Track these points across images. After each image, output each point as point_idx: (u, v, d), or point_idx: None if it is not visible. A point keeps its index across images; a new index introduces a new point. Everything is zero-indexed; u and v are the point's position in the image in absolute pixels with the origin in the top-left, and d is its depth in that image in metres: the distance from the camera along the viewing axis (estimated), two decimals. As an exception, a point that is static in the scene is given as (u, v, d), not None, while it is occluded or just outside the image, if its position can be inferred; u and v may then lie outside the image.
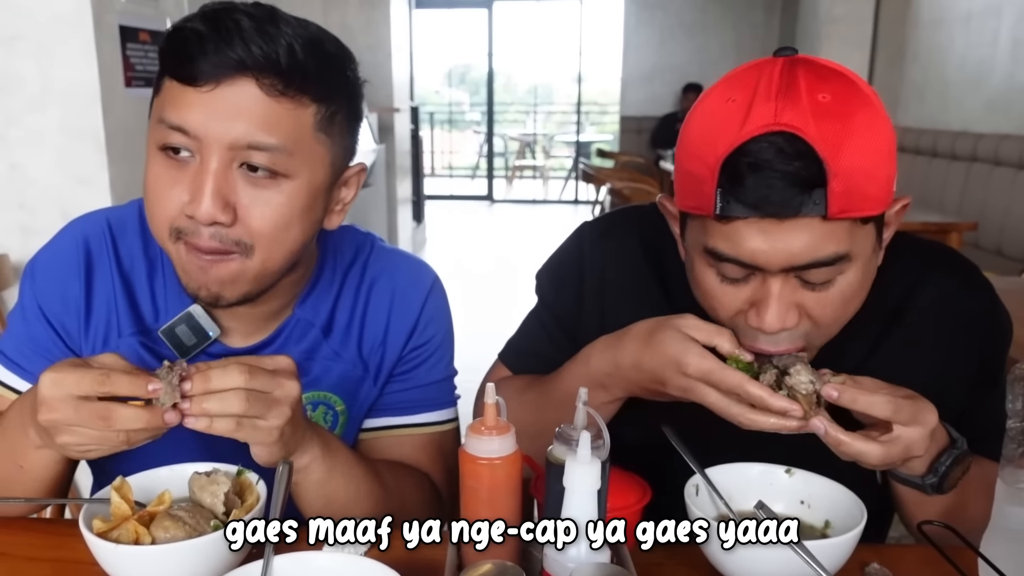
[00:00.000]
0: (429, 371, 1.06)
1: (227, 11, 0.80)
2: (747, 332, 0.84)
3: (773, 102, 0.75)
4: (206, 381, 0.74)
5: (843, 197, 0.75)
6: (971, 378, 0.98)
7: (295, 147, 0.82)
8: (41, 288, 0.98)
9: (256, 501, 0.79)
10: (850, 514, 0.80)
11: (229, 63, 0.78)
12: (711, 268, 0.84)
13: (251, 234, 0.83)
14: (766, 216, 0.76)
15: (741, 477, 0.87)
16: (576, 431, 0.72)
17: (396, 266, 1.06)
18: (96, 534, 0.74)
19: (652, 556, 0.85)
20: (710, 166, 0.78)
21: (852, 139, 0.75)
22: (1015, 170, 4.37)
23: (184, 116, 0.79)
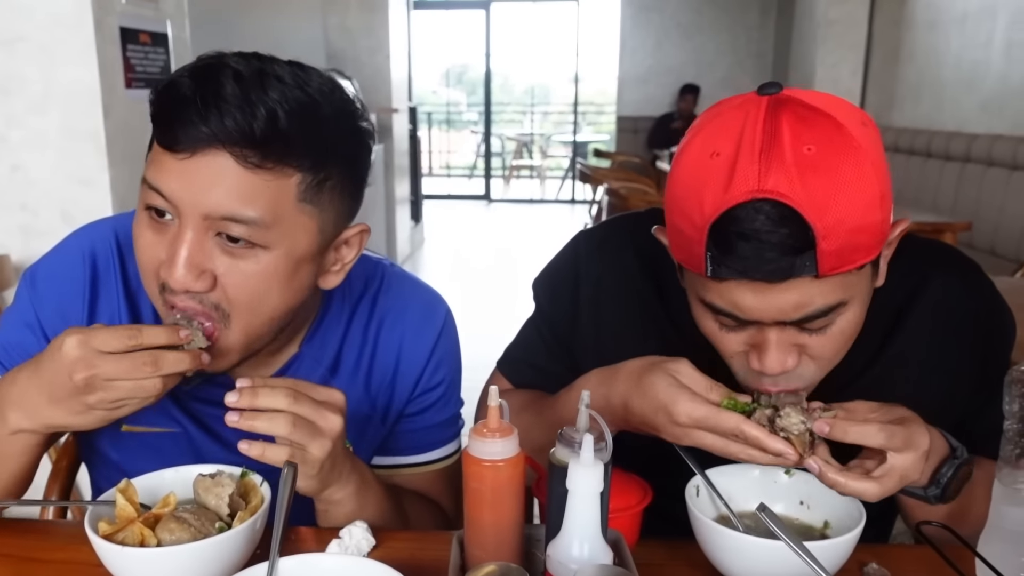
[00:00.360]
0: (438, 412, 1.05)
1: (215, 70, 0.77)
2: (750, 373, 0.84)
3: (757, 164, 0.73)
4: (253, 396, 0.76)
5: (834, 255, 0.74)
6: (976, 378, 0.97)
7: (274, 219, 0.79)
8: (42, 300, 0.95)
9: (261, 503, 0.79)
10: (849, 515, 0.81)
11: (202, 136, 0.75)
12: (708, 315, 0.84)
13: (229, 301, 0.81)
14: (758, 280, 0.76)
15: (741, 478, 0.87)
16: (579, 433, 0.72)
17: (407, 303, 1.03)
18: (102, 536, 0.74)
19: (653, 556, 0.85)
20: (698, 228, 0.77)
21: (840, 193, 0.73)
22: (1009, 170, 4.38)
23: (162, 181, 0.78)
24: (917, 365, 0.96)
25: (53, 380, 0.77)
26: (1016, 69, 4.56)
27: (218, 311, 0.81)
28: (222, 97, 0.75)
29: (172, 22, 2.67)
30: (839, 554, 0.75)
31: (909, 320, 0.97)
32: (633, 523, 0.84)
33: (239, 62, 0.78)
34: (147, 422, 0.95)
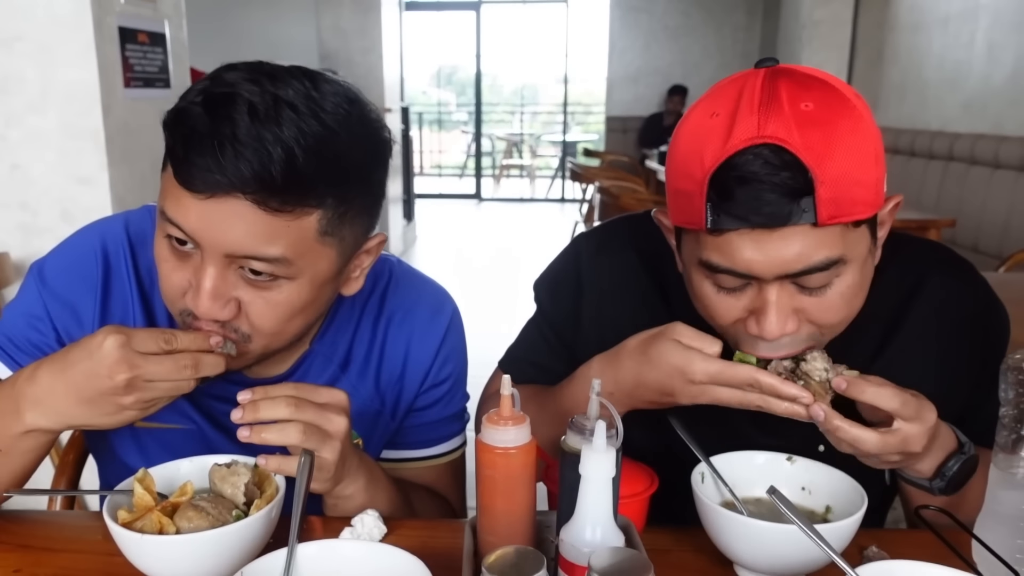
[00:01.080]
0: (446, 406, 1.06)
1: (230, 102, 0.74)
2: (747, 340, 0.84)
3: (756, 115, 0.75)
4: (255, 410, 0.77)
5: (832, 204, 0.75)
6: (974, 375, 0.98)
7: (296, 255, 0.78)
8: (52, 294, 0.94)
9: (276, 492, 0.80)
10: (850, 499, 0.82)
11: (219, 183, 0.73)
12: (707, 279, 0.84)
13: (252, 326, 0.82)
14: (757, 227, 0.76)
15: (744, 465, 0.88)
16: (590, 421, 0.73)
17: (415, 300, 1.03)
18: (121, 524, 0.74)
19: (659, 541, 0.86)
20: (698, 181, 0.77)
21: (837, 146, 0.75)
22: (991, 169, 4.42)
23: (181, 217, 0.77)
24: (916, 363, 0.97)
25: (88, 380, 0.76)
26: (997, 70, 4.60)
27: (239, 333, 0.82)
28: (237, 139, 0.72)
29: (170, 22, 2.66)
30: (843, 537, 0.76)
31: (908, 319, 0.98)
32: (640, 509, 0.85)
33: (252, 91, 0.75)
34: (161, 419, 0.94)
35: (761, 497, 0.87)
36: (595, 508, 0.68)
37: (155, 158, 2.59)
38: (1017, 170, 4.21)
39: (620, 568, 0.61)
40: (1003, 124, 4.50)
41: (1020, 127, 4.36)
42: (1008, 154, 4.29)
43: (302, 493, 0.76)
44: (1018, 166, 4.20)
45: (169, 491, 0.81)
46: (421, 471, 1.06)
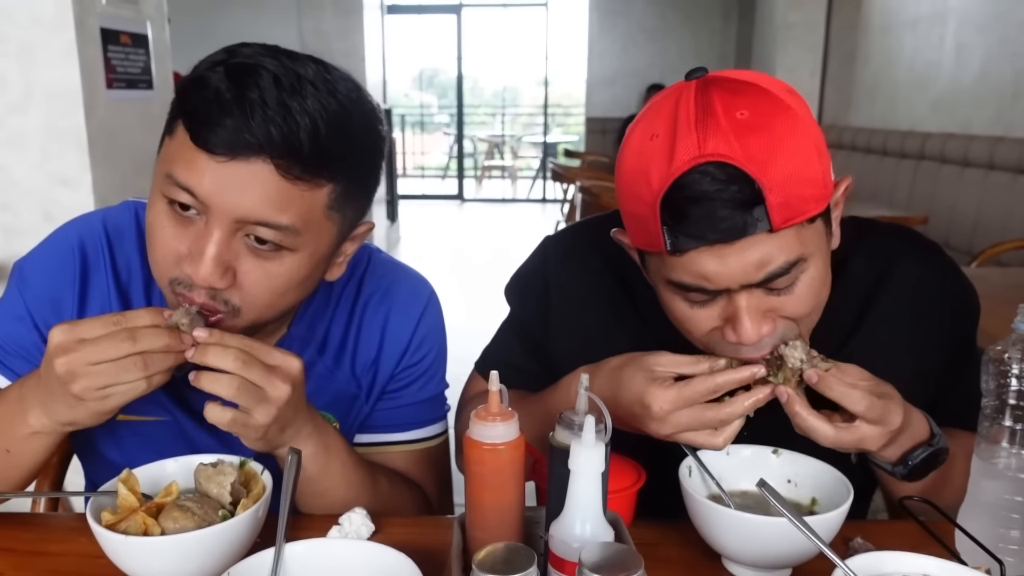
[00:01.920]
0: (420, 389, 1.03)
1: (254, 72, 0.74)
2: (727, 347, 0.83)
3: (694, 133, 0.74)
4: (203, 353, 0.74)
5: (783, 207, 0.74)
6: (946, 353, 0.99)
7: (304, 226, 0.79)
8: (32, 292, 0.92)
9: (263, 491, 0.78)
10: (836, 491, 0.81)
11: (247, 143, 0.73)
12: (677, 296, 0.83)
13: (243, 299, 0.80)
14: (715, 243, 0.75)
15: (731, 458, 0.87)
16: (578, 416, 0.72)
17: (391, 283, 1.02)
18: (104, 526, 0.72)
19: (646, 535, 0.85)
20: (650, 205, 0.77)
21: (778, 150, 0.74)
22: (960, 167, 4.47)
23: (195, 180, 0.75)
24: (888, 344, 0.97)
25: (46, 374, 0.75)
26: (966, 70, 4.65)
27: (228, 305, 0.80)
28: (266, 103, 0.73)
29: (152, 23, 2.62)
30: (830, 528, 0.76)
31: (878, 303, 0.98)
32: (628, 504, 0.84)
33: (273, 64, 0.75)
34: (138, 411, 0.93)
35: (748, 490, 0.86)
36: (585, 503, 0.67)
37: (138, 159, 2.55)
38: (986, 168, 4.25)
39: (611, 563, 0.59)
40: (971, 123, 4.55)
41: (988, 126, 4.41)
42: (977, 153, 4.34)
43: (289, 492, 0.74)
44: (987, 164, 4.25)
45: (154, 491, 0.79)
46: (397, 456, 1.03)
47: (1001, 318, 1.16)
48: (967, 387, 0.98)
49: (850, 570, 0.62)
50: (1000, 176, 4.14)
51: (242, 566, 0.67)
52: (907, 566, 0.64)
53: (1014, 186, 4.01)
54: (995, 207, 4.10)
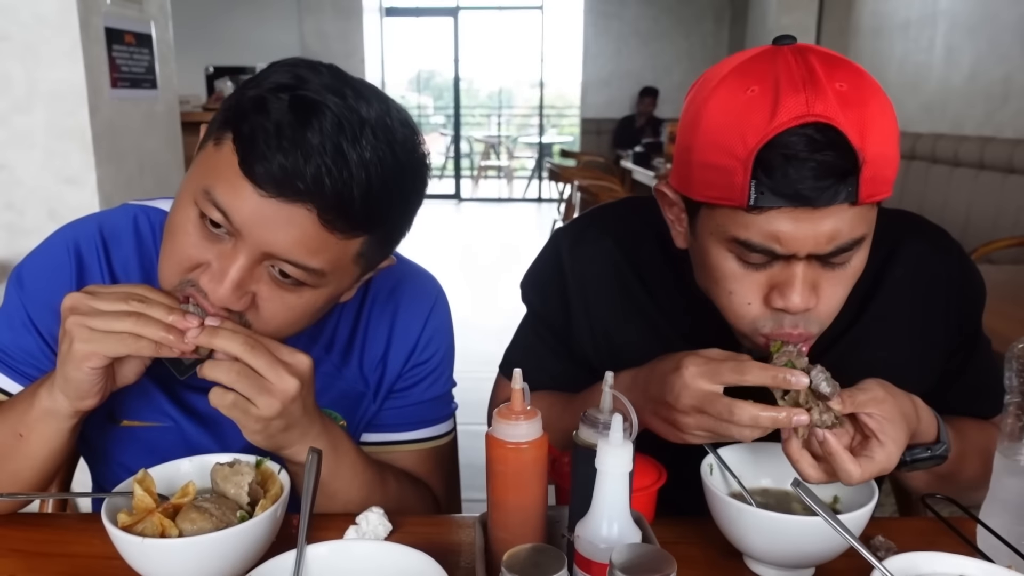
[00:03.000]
0: (428, 388, 1.01)
1: (317, 112, 0.70)
2: (763, 318, 0.81)
3: (803, 92, 0.72)
4: (212, 335, 0.72)
5: (871, 183, 0.73)
6: (952, 337, 0.97)
7: (332, 270, 0.77)
8: (30, 296, 0.89)
9: (280, 491, 0.75)
10: (858, 491, 0.79)
11: (295, 188, 0.70)
12: (731, 254, 0.80)
13: (257, 320, 0.78)
14: (800, 206, 0.73)
15: (751, 456, 0.85)
16: (603, 414, 0.70)
17: (399, 281, 0.99)
18: (121, 528, 0.69)
19: (666, 534, 0.82)
20: (740, 158, 0.74)
21: (873, 126, 0.73)
22: (951, 167, 4.46)
23: (234, 207, 0.72)
24: (894, 326, 0.96)
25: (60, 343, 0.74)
26: (955, 72, 4.65)
27: (241, 319, 0.77)
28: (324, 150, 0.69)
29: (156, 23, 2.59)
30: (857, 527, 0.73)
31: (885, 284, 0.96)
32: (649, 503, 0.82)
33: (338, 103, 0.71)
34: (141, 416, 0.91)
35: (768, 488, 0.84)
36: (612, 503, 0.64)
37: (142, 158, 2.52)
38: (976, 168, 4.25)
39: (642, 564, 0.57)
40: (962, 124, 4.55)
41: (978, 127, 4.41)
42: (967, 153, 4.33)
43: (310, 493, 0.72)
44: (977, 164, 4.25)
45: (169, 492, 0.76)
46: (405, 456, 1.00)
47: (997, 313, 1.15)
48: (975, 373, 0.97)
49: (888, 571, 0.60)
50: (990, 176, 4.14)
51: (265, 568, 0.64)
52: (944, 567, 0.61)
53: (1004, 185, 4.00)
54: (985, 206, 4.10)
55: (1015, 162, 3.95)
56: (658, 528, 0.81)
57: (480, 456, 1.07)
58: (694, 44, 8.87)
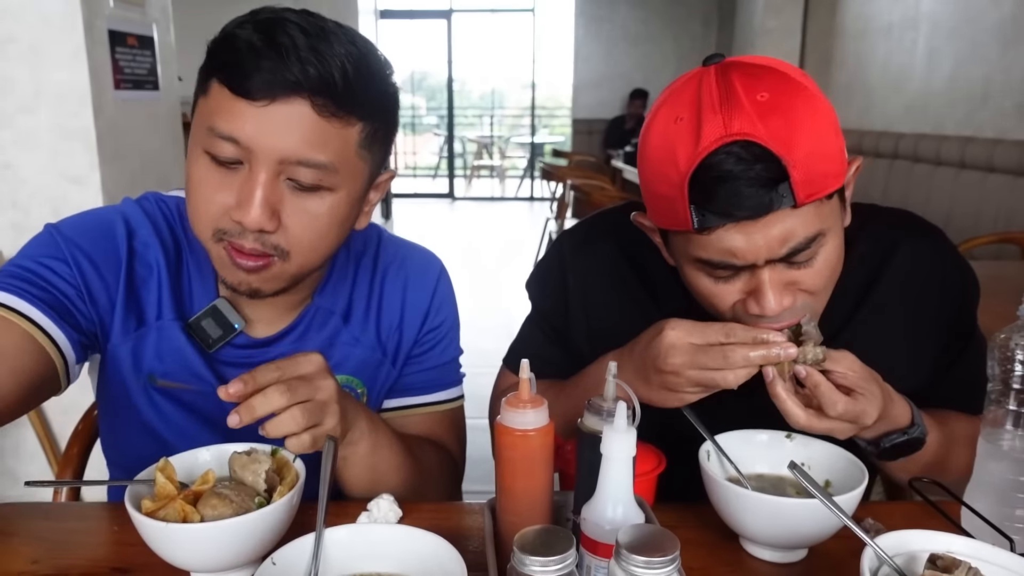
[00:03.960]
0: (442, 352, 1.05)
1: (281, 23, 0.76)
2: (749, 319, 0.84)
3: (719, 114, 0.75)
4: (251, 411, 0.72)
5: (806, 184, 0.75)
6: (945, 334, 0.99)
7: (340, 164, 0.80)
8: (72, 244, 0.87)
9: (296, 478, 0.77)
10: (849, 474, 0.81)
11: (285, 83, 0.74)
12: (702, 272, 0.84)
13: (289, 241, 0.81)
14: (741, 220, 0.76)
15: (746, 443, 0.87)
16: (606, 402, 0.71)
17: (405, 255, 1.04)
18: (144, 514, 0.70)
19: (666, 518, 0.84)
20: (677, 186, 0.77)
21: (799, 128, 0.75)
22: (932, 166, 4.50)
23: (236, 127, 0.76)
24: (890, 323, 0.98)
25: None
26: (937, 74, 4.69)
27: (277, 249, 0.81)
28: (299, 46, 0.74)
29: (158, 26, 2.58)
30: (849, 507, 0.75)
31: (882, 281, 0.98)
32: (650, 488, 0.84)
33: (295, 16, 0.77)
34: (175, 378, 0.92)
35: (763, 473, 0.86)
36: (616, 486, 0.66)
37: (145, 158, 2.52)
38: (957, 167, 4.29)
39: (647, 543, 0.59)
40: (943, 124, 4.59)
41: (958, 127, 4.45)
42: (948, 152, 4.37)
43: (327, 478, 0.73)
44: (958, 163, 4.29)
45: (189, 480, 0.77)
46: (423, 418, 1.04)
47: (981, 307, 1.18)
48: (965, 368, 0.99)
49: (880, 548, 0.62)
50: (970, 174, 4.18)
51: (285, 551, 0.66)
52: (932, 544, 0.63)
53: (984, 184, 4.05)
54: (966, 204, 4.14)
55: (995, 161, 4.00)
56: (658, 512, 0.83)
57: (479, 449, 1.10)
58: (683, 46, 8.90)
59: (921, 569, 0.61)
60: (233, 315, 0.92)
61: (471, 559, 0.66)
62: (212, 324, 0.91)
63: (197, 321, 0.91)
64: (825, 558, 0.80)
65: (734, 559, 0.81)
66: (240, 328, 0.92)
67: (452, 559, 0.65)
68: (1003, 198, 3.90)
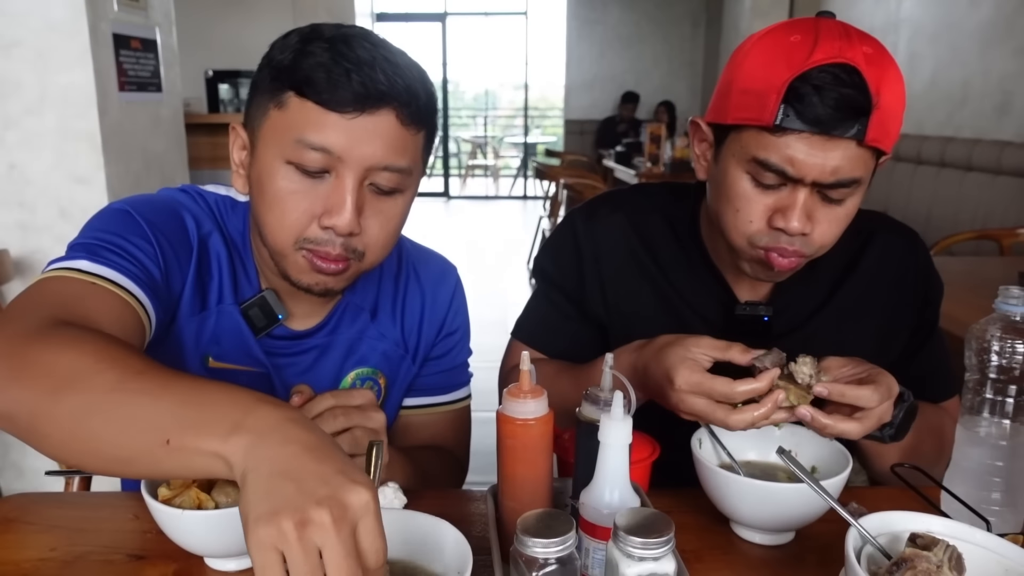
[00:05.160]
0: (455, 356, 1.09)
1: (351, 40, 0.78)
2: (763, 235, 0.89)
3: (839, 41, 0.81)
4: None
5: (878, 127, 0.82)
6: (913, 322, 1.05)
7: (413, 167, 0.84)
8: (155, 227, 0.85)
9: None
10: (834, 460, 0.83)
11: (376, 95, 0.77)
12: (747, 174, 0.88)
13: (367, 243, 0.84)
14: (817, 133, 0.81)
15: (736, 431, 0.88)
16: (603, 392, 0.73)
17: (426, 260, 1.08)
18: (161, 501, 0.71)
19: (660, 503, 0.86)
20: (776, 85, 0.82)
21: (888, 84, 0.82)
22: (914, 165, 4.54)
23: (328, 139, 0.78)
24: (862, 308, 1.03)
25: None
26: (917, 77, 4.72)
27: (355, 253, 0.84)
28: (376, 59, 0.77)
29: (160, 29, 2.58)
30: (835, 491, 0.77)
31: (856, 272, 1.04)
32: (644, 474, 0.86)
33: (358, 31, 0.80)
34: (230, 360, 0.94)
35: (752, 460, 0.88)
36: (613, 472, 0.68)
37: (149, 158, 2.52)
38: (937, 166, 4.33)
39: (644, 525, 0.60)
40: (923, 125, 4.62)
41: (939, 128, 4.48)
42: (929, 152, 4.41)
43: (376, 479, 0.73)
44: (938, 162, 4.32)
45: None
46: (433, 418, 1.08)
47: (957, 301, 1.22)
48: (927, 358, 1.05)
49: (864, 529, 0.64)
50: (950, 173, 4.21)
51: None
52: (913, 525, 0.65)
53: (963, 182, 4.08)
54: (946, 202, 4.18)
55: (973, 160, 4.03)
56: (653, 498, 0.85)
57: (478, 441, 1.11)
58: (672, 47, 8.92)
59: (903, 548, 0.62)
60: (279, 306, 0.94)
61: (475, 543, 0.67)
62: (259, 313, 0.94)
63: (248, 308, 0.94)
64: (812, 540, 0.82)
65: (725, 542, 0.83)
66: (283, 319, 0.95)
67: (458, 542, 0.66)
68: (981, 196, 3.93)
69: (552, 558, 0.59)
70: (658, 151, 5.38)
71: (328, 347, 0.98)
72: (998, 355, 0.80)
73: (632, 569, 0.58)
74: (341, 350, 0.99)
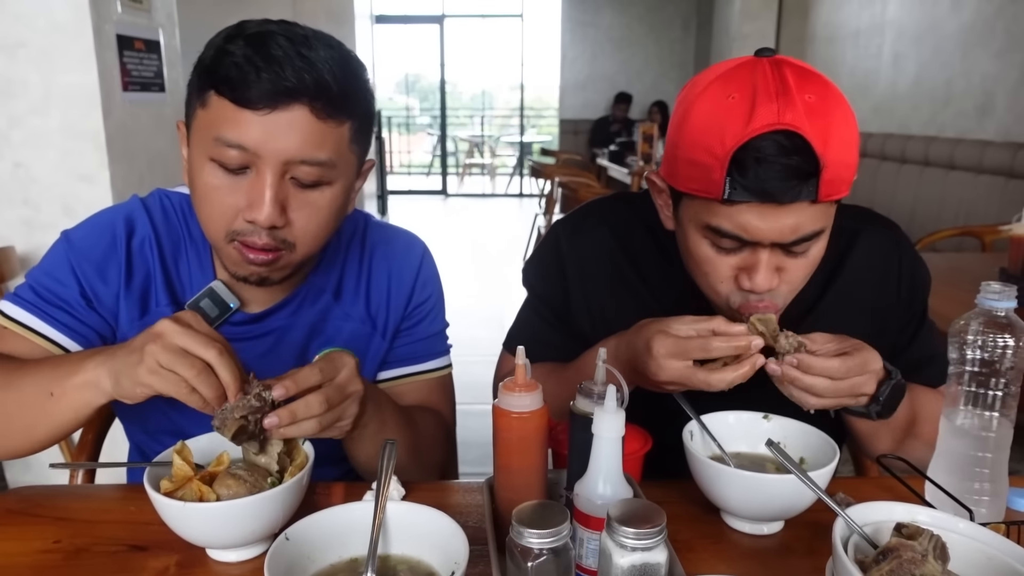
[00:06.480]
0: (430, 325, 1.08)
1: (269, 37, 0.78)
2: (734, 295, 0.86)
3: (775, 103, 0.77)
4: (293, 415, 0.74)
5: (829, 184, 0.78)
6: (901, 317, 1.03)
7: (337, 159, 0.83)
8: (79, 254, 0.92)
9: (306, 460, 0.77)
10: (822, 451, 0.83)
11: (285, 91, 0.77)
12: (706, 240, 0.86)
13: (295, 234, 0.84)
14: (767, 202, 0.78)
15: (726, 423, 0.88)
16: (597, 386, 0.73)
17: (391, 237, 1.07)
18: (163, 494, 0.71)
19: (652, 494, 0.85)
20: (719, 157, 0.79)
21: (835, 135, 0.78)
22: (898, 164, 4.54)
23: (244, 136, 0.78)
24: (852, 306, 1.01)
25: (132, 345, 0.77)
26: (902, 77, 4.72)
27: (285, 243, 0.84)
28: (290, 55, 0.77)
29: (163, 30, 2.56)
30: (823, 481, 0.77)
31: (844, 269, 1.02)
32: (637, 466, 0.85)
33: (278, 27, 0.80)
34: None
35: (742, 451, 0.88)
36: (607, 464, 0.68)
37: (152, 157, 2.51)
38: (921, 164, 4.33)
39: (637, 516, 0.60)
40: (908, 125, 4.63)
41: (922, 127, 4.49)
42: (913, 151, 4.41)
43: (388, 478, 0.73)
44: (922, 161, 4.33)
45: (205, 462, 0.78)
46: (417, 386, 1.07)
47: (943, 295, 1.21)
48: (920, 346, 1.04)
49: (850, 518, 0.64)
50: (934, 172, 4.22)
51: (298, 527, 0.67)
52: (898, 514, 0.65)
53: (946, 180, 4.09)
54: (929, 200, 4.19)
55: (956, 159, 4.04)
56: (645, 489, 0.84)
57: (474, 434, 1.11)
58: (663, 49, 8.92)
59: (888, 537, 0.62)
60: (228, 296, 0.94)
61: (471, 533, 0.67)
62: (210, 304, 0.94)
63: (195, 303, 0.93)
64: (801, 529, 0.82)
65: (716, 531, 0.82)
66: (235, 307, 0.95)
67: (454, 533, 0.66)
68: (964, 194, 3.94)
69: (547, 548, 0.58)
70: (650, 150, 5.38)
71: (289, 328, 0.98)
72: (980, 349, 0.80)
73: (625, 559, 0.58)
74: (303, 331, 0.99)
